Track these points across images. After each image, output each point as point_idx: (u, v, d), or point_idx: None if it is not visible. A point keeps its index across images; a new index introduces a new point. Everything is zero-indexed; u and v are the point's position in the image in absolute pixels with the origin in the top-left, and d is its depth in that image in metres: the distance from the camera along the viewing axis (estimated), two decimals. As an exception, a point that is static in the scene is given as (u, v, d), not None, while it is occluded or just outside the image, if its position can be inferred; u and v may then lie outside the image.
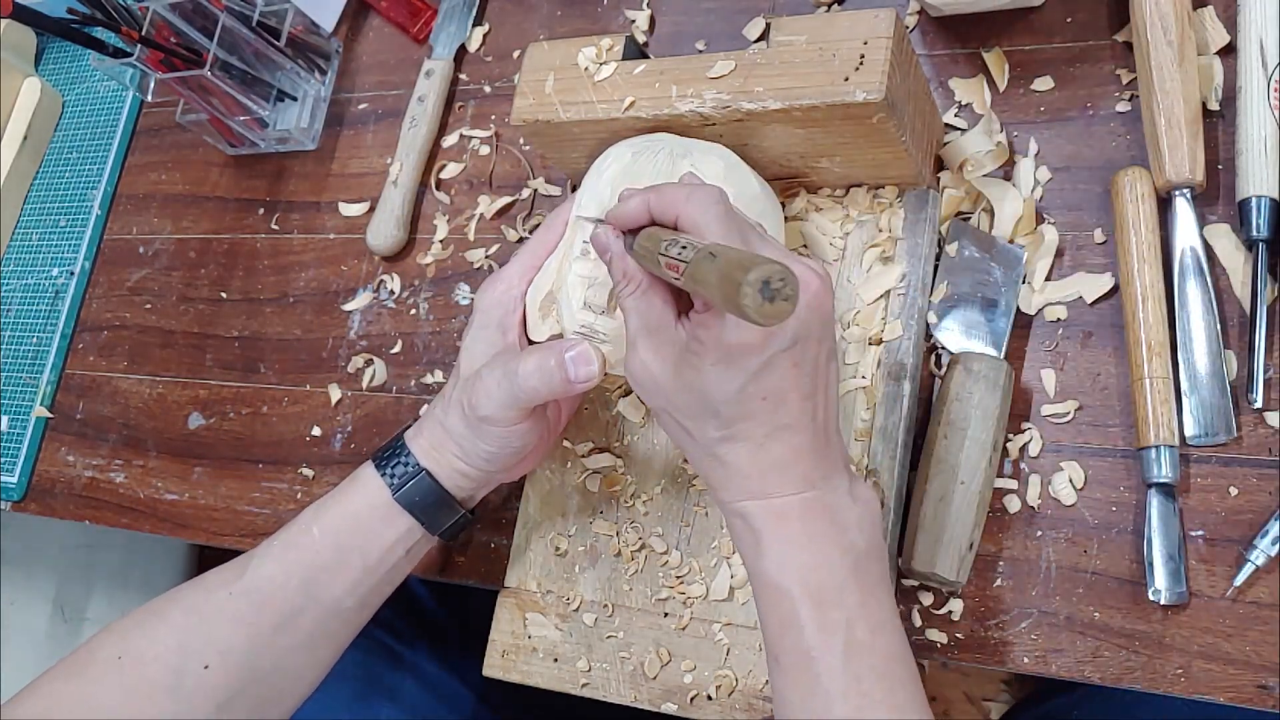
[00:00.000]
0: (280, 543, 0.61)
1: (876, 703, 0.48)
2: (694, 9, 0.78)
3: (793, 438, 0.50)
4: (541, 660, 0.65)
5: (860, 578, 0.50)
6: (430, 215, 0.82)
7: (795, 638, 0.49)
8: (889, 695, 0.48)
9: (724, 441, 0.50)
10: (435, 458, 0.61)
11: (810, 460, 0.50)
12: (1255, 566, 0.54)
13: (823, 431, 0.51)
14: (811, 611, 0.49)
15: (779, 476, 0.50)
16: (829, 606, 0.49)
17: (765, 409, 0.49)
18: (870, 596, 0.50)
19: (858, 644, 0.49)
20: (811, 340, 0.49)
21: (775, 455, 0.50)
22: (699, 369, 0.49)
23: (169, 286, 0.90)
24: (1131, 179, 0.60)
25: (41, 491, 0.89)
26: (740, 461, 0.50)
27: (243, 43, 0.83)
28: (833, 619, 0.49)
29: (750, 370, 0.48)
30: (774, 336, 0.47)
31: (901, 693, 0.49)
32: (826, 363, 0.50)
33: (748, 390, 0.48)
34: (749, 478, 0.50)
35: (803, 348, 0.48)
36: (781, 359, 0.48)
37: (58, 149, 1.01)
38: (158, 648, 0.59)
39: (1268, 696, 0.53)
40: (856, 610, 0.49)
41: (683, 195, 0.51)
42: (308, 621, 0.60)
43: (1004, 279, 0.63)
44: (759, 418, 0.49)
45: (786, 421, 0.49)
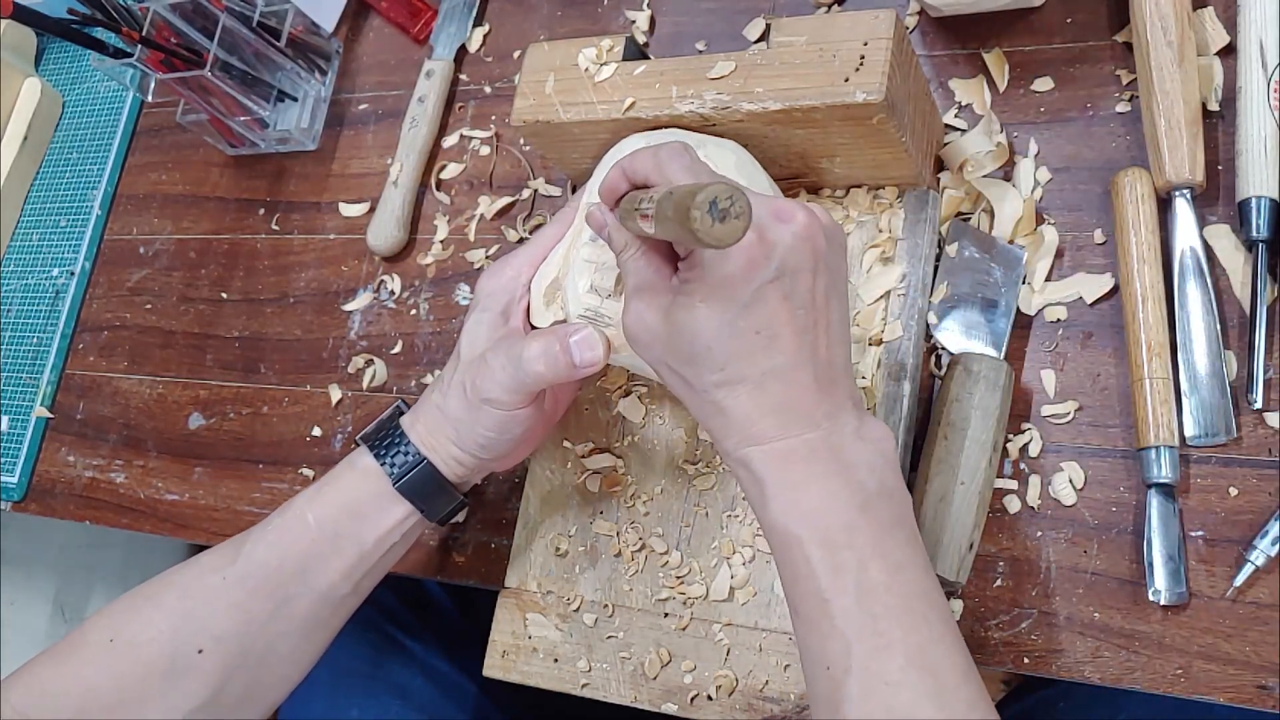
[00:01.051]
0: (274, 528, 0.61)
1: (895, 642, 0.46)
2: (694, 9, 0.78)
3: (791, 375, 0.49)
4: (542, 660, 0.65)
5: (871, 517, 0.48)
6: (430, 216, 0.82)
7: (808, 583, 0.48)
8: (909, 634, 0.47)
9: (721, 385, 0.49)
10: (431, 444, 0.61)
11: (812, 398, 0.49)
12: (1255, 567, 0.54)
13: (826, 368, 0.49)
14: (821, 554, 0.48)
15: (779, 418, 0.49)
16: (839, 547, 0.48)
17: (759, 345, 0.48)
18: (885, 535, 0.48)
19: (872, 584, 0.47)
20: (803, 273, 0.48)
21: (774, 395, 0.49)
22: (690, 309, 0.49)
23: (169, 287, 0.90)
24: (1131, 179, 0.60)
25: (42, 491, 0.89)
26: (739, 405, 0.49)
27: (243, 43, 0.83)
28: (844, 560, 0.47)
29: (739, 303, 0.47)
30: (757, 267, 0.47)
31: (924, 630, 0.47)
32: (826, 297, 0.49)
33: (738, 325, 0.48)
34: (750, 421, 0.49)
35: (792, 280, 0.48)
36: (769, 291, 0.47)
37: (58, 149, 1.01)
38: (151, 632, 0.59)
39: (1267, 697, 0.53)
40: (870, 550, 0.48)
41: (649, 154, 0.52)
42: (302, 607, 0.60)
43: (1004, 279, 0.63)
44: (754, 355, 0.48)
45: (782, 359, 0.48)
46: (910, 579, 0.48)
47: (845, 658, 0.47)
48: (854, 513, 0.48)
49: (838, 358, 0.50)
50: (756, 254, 0.47)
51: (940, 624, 0.48)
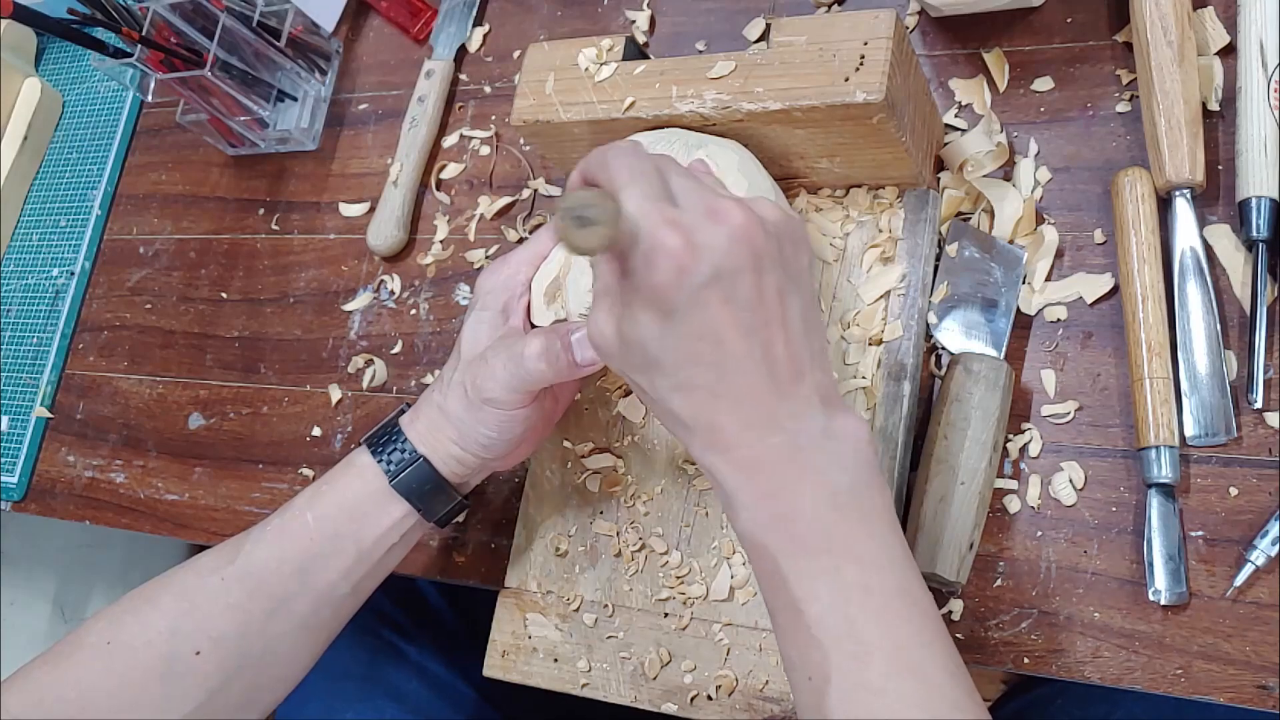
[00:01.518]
0: (273, 528, 0.61)
1: (874, 647, 0.45)
2: (694, 9, 0.78)
3: (744, 379, 0.47)
4: (542, 660, 0.65)
5: (845, 516, 0.47)
6: (430, 215, 0.82)
7: (782, 593, 0.47)
8: (889, 635, 0.45)
9: (676, 392, 0.48)
10: (431, 443, 0.60)
11: (771, 400, 0.47)
12: (1255, 567, 0.54)
13: (786, 367, 0.48)
14: (793, 562, 0.47)
15: (738, 422, 0.47)
16: (811, 553, 0.46)
17: (706, 350, 0.47)
18: (860, 533, 0.47)
19: (847, 586, 0.46)
20: (743, 274, 0.46)
21: (728, 399, 0.47)
22: (632, 320, 0.48)
23: (169, 287, 0.90)
24: (1131, 179, 0.60)
25: (41, 492, 0.89)
26: (697, 412, 0.48)
27: (243, 43, 0.83)
28: (817, 566, 0.46)
29: (675, 311, 0.46)
30: (686, 272, 0.46)
31: (904, 630, 0.46)
32: (779, 295, 0.48)
33: (679, 332, 0.46)
34: (710, 429, 0.48)
35: (732, 282, 0.46)
36: (707, 295, 0.46)
37: (58, 149, 1.01)
38: (149, 633, 0.59)
39: (1268, 697, 0.53)
40: (844, 552, 0.46)
41: (596, 156, 0.50)
42: (301, 607, 0.60)
43: (1004, 279, 0.63)
44: (703, 361, 0.47)
45: (732, 363, 0.47)
46: (888, 577, 0.47)
47: (824, 666, 0.46)
48: (825, 515, 0.47)
49: (800, 354, 0.48)
50: (685, 259, 0.45)
51: (921, 620, 0.47)
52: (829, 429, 0.48)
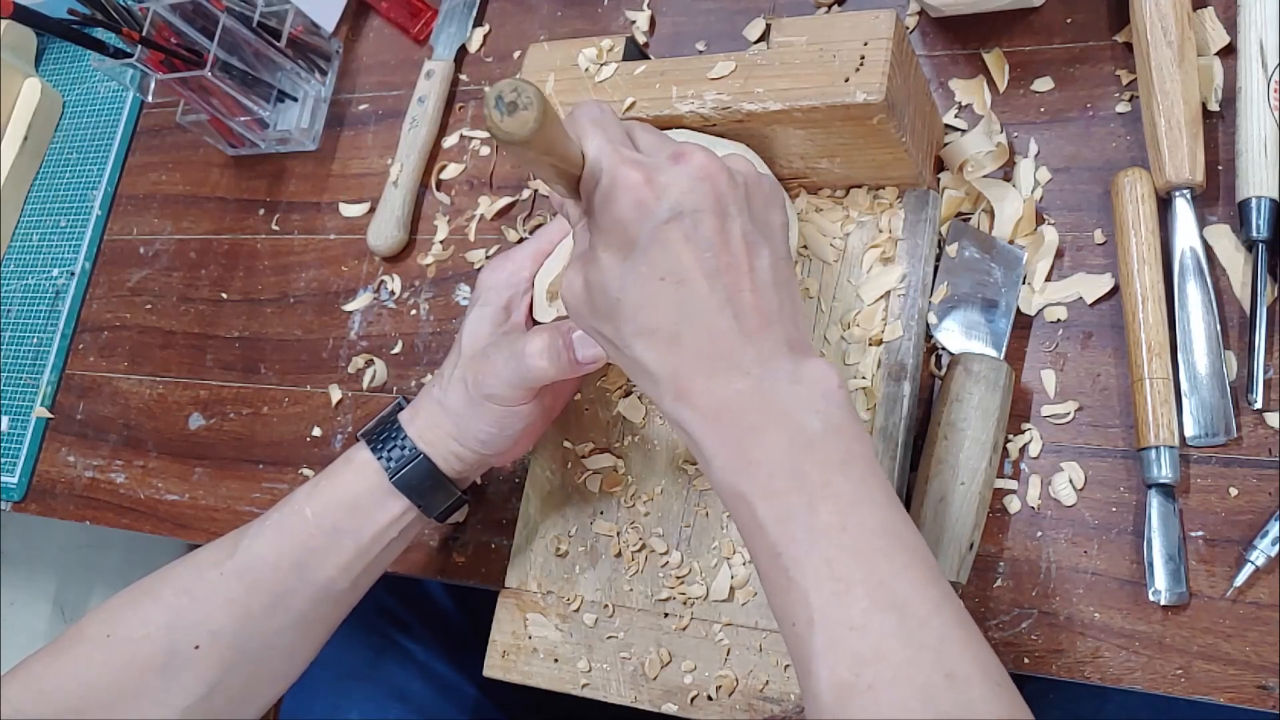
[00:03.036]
0: (272, 523, 0.61)
1: (855, 584, 0.44)
2: (694, 10, 0.78)
3: (707, 320, 0.47)
4: (542, 661, 0.65)
5: (817, 458, 0.46)
6: (431, 216, 0.82)
7: (759, 539, 0.46)
8: (870, 573, 0.44)
9: (638, 337, 0.48)
10: (430, 439, 0.60)
11: (736, 344, 0.47)
12: (1255, 567, 0.54)
13: (753, 314, 0.47)
14: (767, 505, 0.45)
15: (703, 368, 0.47)
16: (784, 495, 0.45)
17: (667, 291, 0.47)
18: (835, 474, 0.46)
19: (824, 526, 0.45)
20: (705, 214, 0.47)
21: (692, 343, 0.47)
22: (595, 261, 0.48)
23: (169, 287, 0.90)
24: (1131, 180, 0.60)
25: (42, 492, 0.89)
26: (660, 358, 0.47)
27: (243, 43, 0.83)
28: (790, 507, 0.45)
29: (636, 247, 0.46)
30: (647, 207, 0.46)
31: (885, 566, 0.44)
32: (745, 241, 0.48)
33: (640, 270, 0.47)
34: (675, 375, 0.47)
35: (694, 221, 0.46)
36: (667, 232, 0.46)
37: (58, 149, 1.01)
38: (148, 627, 0.59)
39: (1268, 697, 0.53)
40: (818, 492, 0.45)
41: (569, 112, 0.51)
42: (299, 602, 0.60)
43: (1004, 280, 0.63)
44: (663, 302, 0.47)
45: (695, 303, 0.47)
46: (866, 514, 0.45)
47: (807, 610, 0.44)
48: (797, 457, 0.46)
49: (768, 305, 0.48)
50: (645, 194, 0.46)
51: (904, 555, 0.45)
52: (797, 374, 0.47)
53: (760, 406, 0.47)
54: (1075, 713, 0.69)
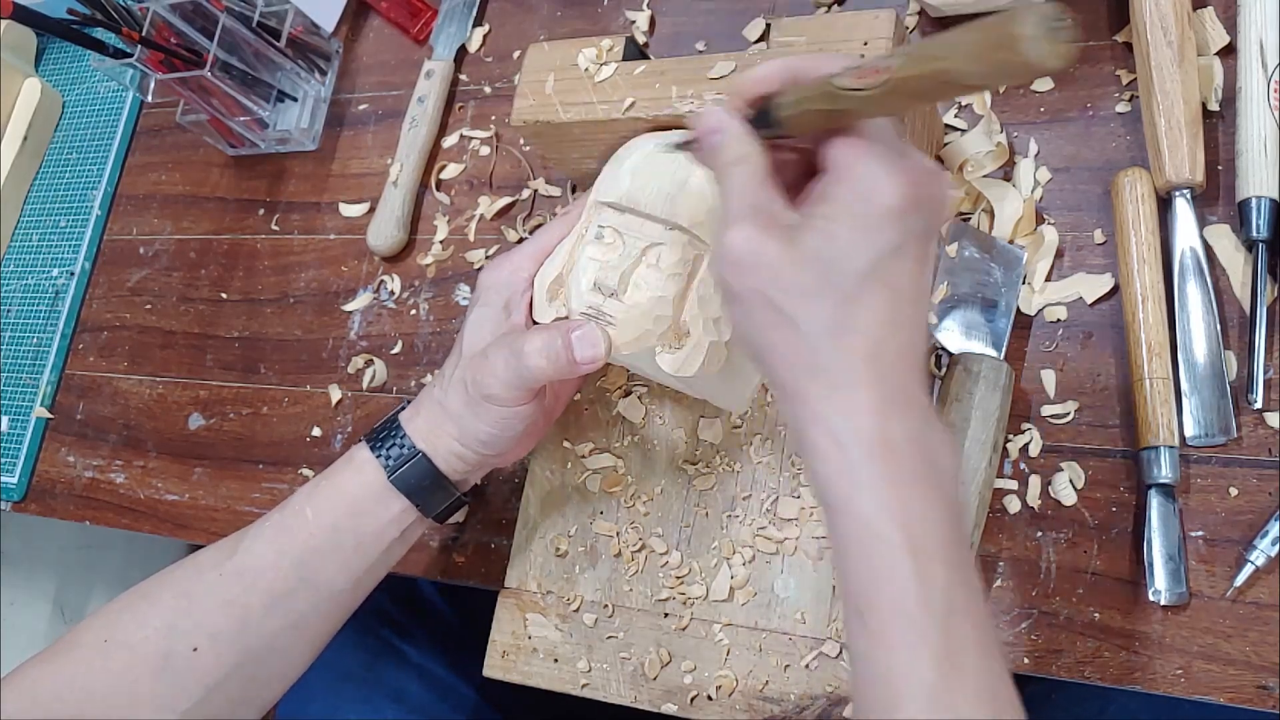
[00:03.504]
0: (272, 523, 0.61)
1: (969, 672, 0.43)
2: (694, 10, 0.78)
3: (904, 345, 0.44)
4: (542, 661, 0.65)
5: (960, 534, 0.44)
6: (430, 216, 0.82)
7: (890, 588, 0.43)
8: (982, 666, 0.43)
9: (836, 331, 0.44)
10: (431, 440, 0.60)
11: (916, 380, 0.44)
12: (1255, 567, 0.54)
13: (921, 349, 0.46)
14: (914, 565, 0.43)
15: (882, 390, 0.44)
16: (932, 561, 0.43)
17: (886, 299, 0.44)
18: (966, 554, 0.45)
19: (954, 606, 0.43)
20: (934, 243, 0.45)
21: (885, 361, 0.44)
22: (830, 235, 0.44)
23: (169, 287, 0.90)
24: (1131, 179, 0.60)
25: (41, 492, 0.89)
26: (845, 360, 0.44)
27: (243, 43, 0.83)
28: (934, 574, 0.43)
29: (886, 243, 0.43)
30: (908, 213, 0.43)
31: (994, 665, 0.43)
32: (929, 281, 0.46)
33: (877, 269, 0.44)
34: (852, 384, 0.44)
35: (927, 245, 0.45)
36: (915, 246, 0.44)
37: (58, 149, 1.01)
38: (146, 630, 0.59)
39: (1268, 697, 0.53)
40: (956, 570, 0.43)
41: (826, 59, 0.47)
42: (299, 603, 0.60)
43: (1004, 279, 0.63)
44: (879, 308, 0.44)
45: (903, 322, 0.44)
46: (982, 608, 0.44)
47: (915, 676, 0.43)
48: (947, 527, 0.44)
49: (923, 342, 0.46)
50: (916, 196, 0.43)
51: (1001, 660, 0.44)
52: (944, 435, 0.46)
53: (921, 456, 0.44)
54: (1078, 714, 0.69)
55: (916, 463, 0.44)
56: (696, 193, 0.56)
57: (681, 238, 0.56)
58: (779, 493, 0.62)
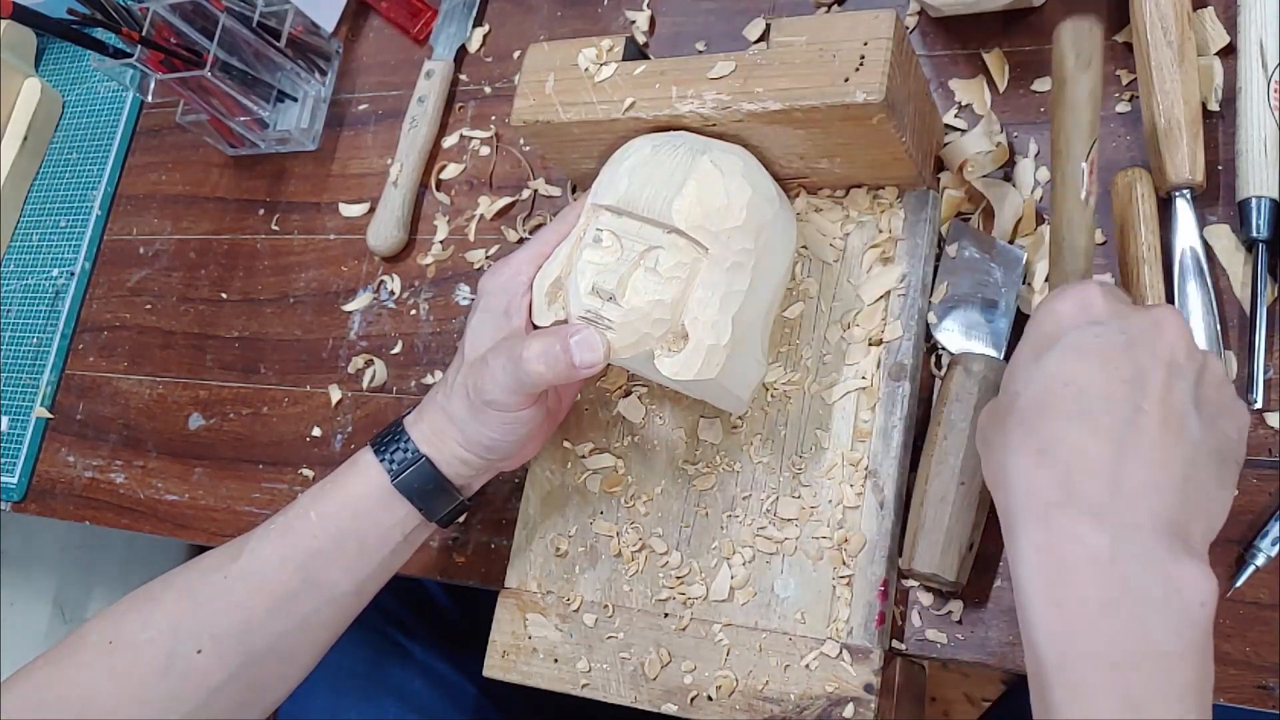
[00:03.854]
0: (277, 526, 0.61)
1: None
2: (694, 10, 0.78)
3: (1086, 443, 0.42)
4: (542, 661, 0.65)
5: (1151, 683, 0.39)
6: (430, 216, 0.82)
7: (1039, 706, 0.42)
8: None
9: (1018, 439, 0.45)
10: (436, 444, 0.60)
11: (1106, 488, 0.41)
12: (1255, 567, 0.54)
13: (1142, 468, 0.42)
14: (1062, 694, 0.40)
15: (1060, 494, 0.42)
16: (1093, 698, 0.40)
17: (1064, 396, 0.44)
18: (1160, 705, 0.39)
19: None
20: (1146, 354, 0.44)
21: (1062, 461, 0.43)
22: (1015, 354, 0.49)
23: (169, 287, 0.90)
24: (1131, 180, 0.60)
25: (41, 492, 0.89)
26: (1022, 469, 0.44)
27: (243, 43, 0.83)
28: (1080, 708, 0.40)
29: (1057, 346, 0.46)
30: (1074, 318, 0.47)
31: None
32: (1186, 405, 0.43)
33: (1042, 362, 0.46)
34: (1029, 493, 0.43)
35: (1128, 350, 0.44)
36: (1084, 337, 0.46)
37: (58, 149, 1.01)
38: (149, 632, 0.59)
39: (1268, 697, 0.53)
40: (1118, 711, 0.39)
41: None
42: (303, 605, 0.60)
43: (1004, 280, 0.63)
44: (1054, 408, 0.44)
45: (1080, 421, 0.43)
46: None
47: None
48: (1129, 671, 0.40)
49: (1167, 477, 0.42)
50: (1080, 306, 0.47)
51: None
52: (1169, 571, 0.41)
53: (1104, 580, 0.41)
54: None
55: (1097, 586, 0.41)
56: (694, 195, 0.56)
57: (680, 241, 0.56)
58: (779, 493, 0.62)
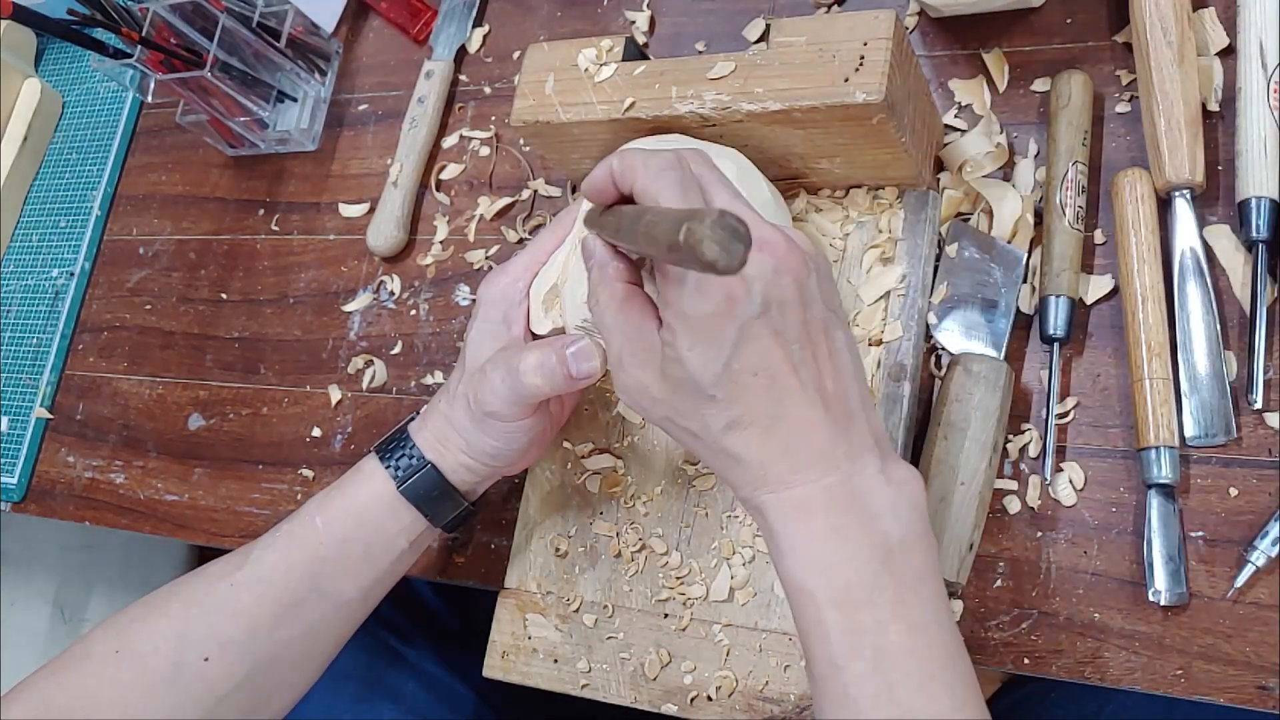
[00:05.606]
0: (283, 534, 0.61)
1: (915, 713, 0.43)
2: (694, 10, 0.78)
3: (799, 413, 0.46)
4: (541, 661, 0.65)
5: (895, 572, 0.45)
6: (430, 216, 0.82)
7: (821, 645, 0.45)
8: (929, 703, 0.44)
9: (730, 430, 0.46)
10: (440, 451, 0.61)
11: (827, 437, 0.46)
12: (1255, 567, 0.54)
13: (838, 404, 0.46)
14: (837, 615, 0.45)
15: (792, 459, 0.46)
16: (857, 607, 0.45)
17: (760, 386, 0.45)
18: (909, 592, 0.45)
19: (891, 648, 0.44)
20: (790, 306, 0.45)
21: (784, 435, 0.46)
22: (680, 361, 0.46)
23: (169, 287, 0.90)
24: (1131, 180, 0.60)
25: (41, 492, 0.89)
26: (750, 450, 0.46)
27: (243, 44, 0.83)
28: (861, 622, 0.45)
29: (728, 342, 0.45)
30: (737, 303, 0.44)
31: (945, 699, 0.44)
32: (823, 331, 0.47)
33: (733, 367, 0.45)
34: (763, 465, 0.46)
35: (780, 314, 0.45)
36: (758, 327, 0.45)
37: (58, 150, 1.01)
38: (156, 640, 0.59)
39: (1268, 697, 0.53)
40: (889, 610, 0.45)
41: (639, 162, 0.49)
42: (309, 612, 0.60)
43: (1004, 280, 0.63)
44: (757, 396, 0.46)
45: (788, 399, 0.46)
46: (933, 640, 0.45)
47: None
48: (876, 568, 0.45)
49: (849, 391, 0.47)
50: (736, 289, 0.44)
51: (964, 690, 0.45)
52: (885, 471, 0.47)
53: (847, 504, 0.46)
54: (1077, 712, 0.70)
55: (836, 515, 0.46)
56: None
57: None
58: (779, 493, 0.62)
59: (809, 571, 0.46)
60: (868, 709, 0.44)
